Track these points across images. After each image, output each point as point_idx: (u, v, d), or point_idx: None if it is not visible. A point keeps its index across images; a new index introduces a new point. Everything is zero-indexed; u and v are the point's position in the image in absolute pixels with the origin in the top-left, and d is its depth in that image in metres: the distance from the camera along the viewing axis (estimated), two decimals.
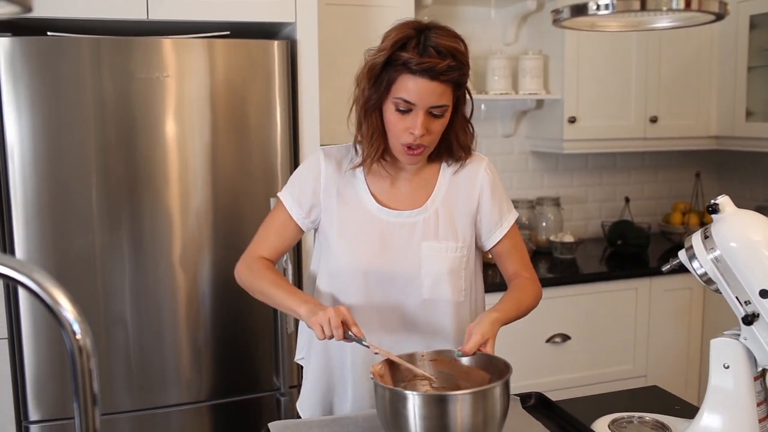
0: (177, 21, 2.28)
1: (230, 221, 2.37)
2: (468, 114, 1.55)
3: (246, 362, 2.44)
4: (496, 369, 1.33)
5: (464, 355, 1.36)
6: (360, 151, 1.54)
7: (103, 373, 2.27)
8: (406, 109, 1.42)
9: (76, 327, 0.80)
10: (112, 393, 2.28)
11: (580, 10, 1.06)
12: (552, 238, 3.27)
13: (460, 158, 1.57)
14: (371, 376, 1.28)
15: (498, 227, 1.60)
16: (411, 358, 1.38)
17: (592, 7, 1.00)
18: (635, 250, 3.28)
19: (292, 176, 1.63)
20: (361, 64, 1.51)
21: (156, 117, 2.25)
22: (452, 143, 1.54)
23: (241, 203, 2.37)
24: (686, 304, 3.13)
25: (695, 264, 1.27)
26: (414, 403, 1.18)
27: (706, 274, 1.27)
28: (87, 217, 2.22)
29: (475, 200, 1.58)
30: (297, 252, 2.48)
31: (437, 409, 1.18)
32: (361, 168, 1.55)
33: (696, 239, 1.28)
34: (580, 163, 3.63)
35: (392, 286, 1.52)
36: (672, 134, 3.34)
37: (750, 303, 1.21)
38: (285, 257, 2.39)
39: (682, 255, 1.30)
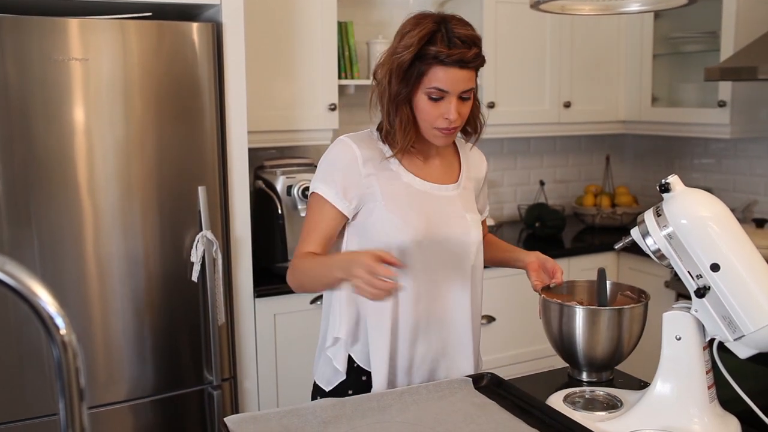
0: (95, 0, 2.15)
1: (153, 212, 2.27)
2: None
3: (173, 357, 2.35)
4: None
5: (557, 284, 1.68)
6: (394, 142, 1.58)
7: (15, 377, 2.13)
8: (439, 96, 1.51)
9: (59, 321, 0.75)
10: (23, 398, 2.14)
11: None
12: None
13: (469, 134, 1.68)
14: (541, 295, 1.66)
15: (486, 208, 1.84)
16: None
17: None
18: (552, 232, 3.39)
19: (323, 168, 1.61)
20: (377, 59, 1.58)
21: (66, 103, 2.12)
22: (468, 123, 1.65)
23: (163, 194, 2.27)
24: None
25: (649, 241, 1.32)
26: (580, 315, 1.57)
27: (659, 250, 1.31)
28: None
29: (481, 181, 1.77)
30: (226, 240, 2.41)
31: (597, 319, 1.56)
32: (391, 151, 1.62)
33: (649, 217, 1.33)
34: (496, 147, 3.70)
35: (446, 254, 1.61)
36: (584, 119, 3.47)
37: (701, 277, 1.27)
38: (215, 247, 2.32)
39: (635, 232, 1.35)
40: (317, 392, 1.68)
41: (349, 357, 1.64)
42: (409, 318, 1.60)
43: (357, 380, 1.64)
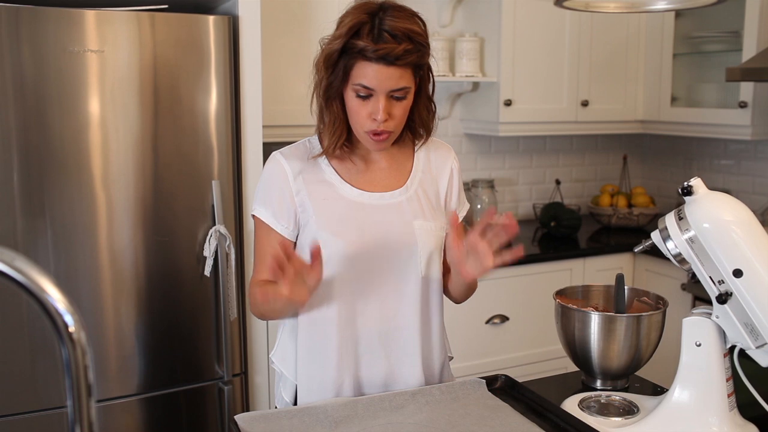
0: None
1: (166, 205, 2.26)
2: (431, 92, 1.54)
3: (184, 351, 2.34)
4: None
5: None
6: (322, 140, 1.51)
7: (27, 369, 2.13)
8: (366, 94, 1.41)
9: (68, 319, 0.73)
10: (35, 389, 2.14)
11: None
12: None
13: (420, 137, 1.58)
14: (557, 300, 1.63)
15: (461, 207, 1.65)
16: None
17: None
18: (567, 232, 3.36)
19: (259, 190, 1.54)
20: (317, 51, 1.47)
21: (81, 95, 2.10)
22: (414, 121, 1.54)
23: (175, 186, 2.26)
24: None
25: (670, 245, 1.29)
26: (596, 321, 1.55)
27: (680, 254, 1.29)
28: (7, 201, 2.06)
29: (445, 184, 1.61)
30: (239, 235, 2.40)
31: (613, 326, 1.54)
32: (327, 160, 1.52)
33: (670, 220, 1.30)
34: (512, 145, 3.67)
35: (391, 267, 1.50)
36: (601, 118, 3.43)
37: (723, 282, 1.24)
38: (228, 241, 2.31)
39: (655, 236, 1.32)
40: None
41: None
42: (349, 338, 1.51)
43: None
